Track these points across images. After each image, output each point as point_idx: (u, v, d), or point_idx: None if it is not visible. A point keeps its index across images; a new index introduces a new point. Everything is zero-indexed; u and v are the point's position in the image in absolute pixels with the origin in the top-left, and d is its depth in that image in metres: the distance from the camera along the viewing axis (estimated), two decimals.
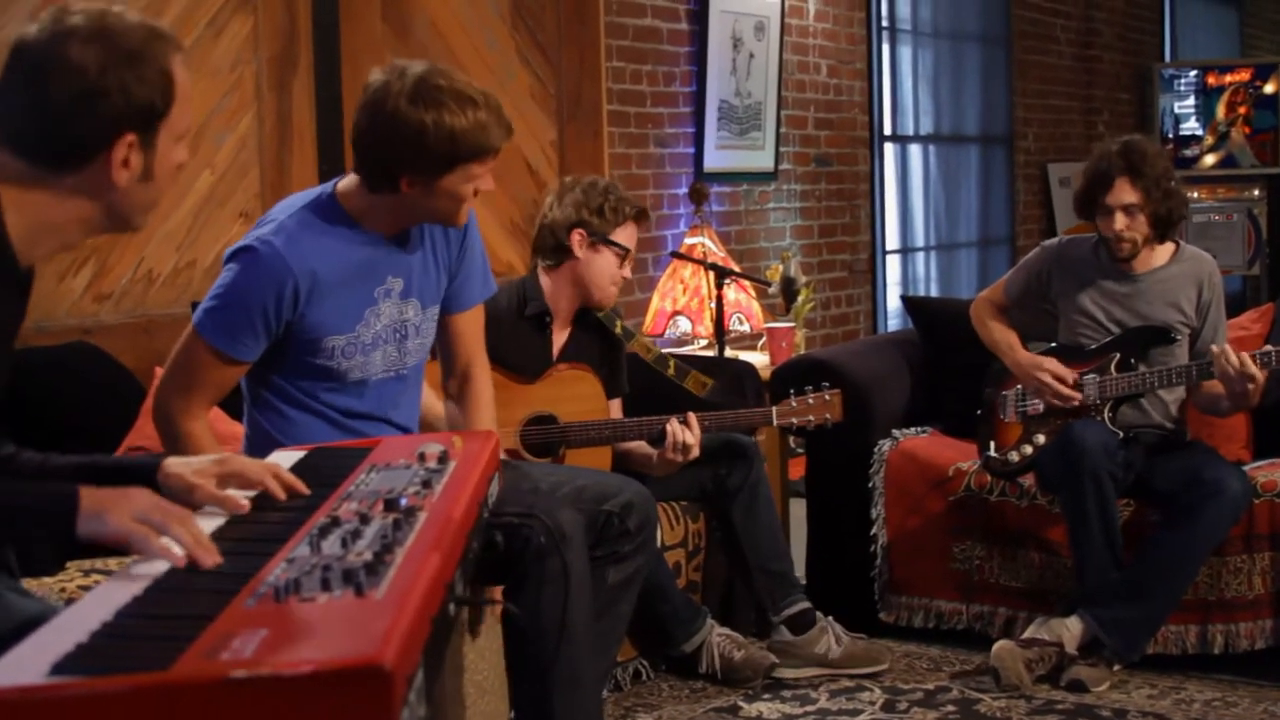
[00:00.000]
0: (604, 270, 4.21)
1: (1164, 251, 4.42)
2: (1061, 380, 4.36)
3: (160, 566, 1.90)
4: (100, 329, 4.23)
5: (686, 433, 4.07)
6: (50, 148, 2.14)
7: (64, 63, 2.12)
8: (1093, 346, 4.40)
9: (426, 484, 2.25)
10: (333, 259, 3.09)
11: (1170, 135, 10.57)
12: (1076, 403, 4.33)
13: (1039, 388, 4.41)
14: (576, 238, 4.19)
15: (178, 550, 1.93)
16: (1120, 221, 4.30)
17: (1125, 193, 4.29)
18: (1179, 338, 4.34)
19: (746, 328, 6.05)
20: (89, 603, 1.75)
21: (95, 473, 2.37)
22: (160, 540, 1.95)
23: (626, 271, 4.27)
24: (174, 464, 2.36)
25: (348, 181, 3.19)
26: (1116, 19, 10.54)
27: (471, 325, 3.46)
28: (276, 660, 1.46)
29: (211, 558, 1.92)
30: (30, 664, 1.51)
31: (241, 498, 2.30)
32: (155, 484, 2.34)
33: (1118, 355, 4.33)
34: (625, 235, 4.23)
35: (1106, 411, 4.30)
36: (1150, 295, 4.38)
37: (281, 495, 2.32)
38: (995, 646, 4.19)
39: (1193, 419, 4.50)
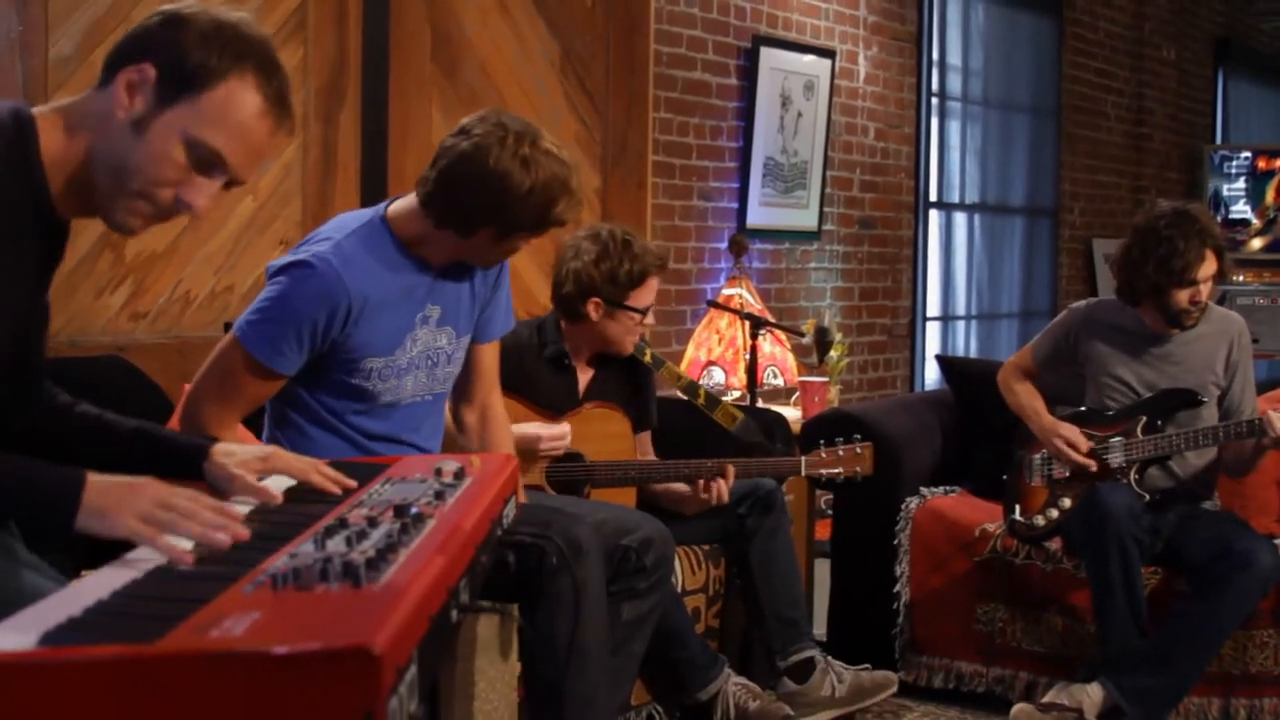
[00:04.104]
0: (622, 332, 4.17)
1: None
2: (1075, 447, 4.35)
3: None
4: (134, 347, 4.24)
5: (721, 485, 4.04)
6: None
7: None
8: (1119, 409, 4.37)
9: (439, 495, 2.25)
10: (382, 282, 3.10)
11: (1218, 218, 10.51)
12: (1094, 469, 4.31)
13: (1056, 453, 4.39)
14: (592, 307, 4.14)
15: (185, 546, 1.92)
16: (1203, 293, 4.28)
17: (1211, 264, 4.28)
18: (1206, 399, 4.31)
19: (780, 381, 6.03)
20: (88, 583, 1.75)
21: (147, 441, 2.42)
22: (166, 539, 1.93)
23: (649, 320, 4.22)
24: (220, 451, 2.39)
25: (400, 207, 3.20)
26: (1168, 98, 10.53)
27: (491, 357, 3.50)
28: (264, 639, 1.45)
29: (236, 529, 1.93)
30: (20, 633, 1.51)
31: (277, 492, 2.32)
32: (200, 469, 2.37)
33: (1144, 418, 4.30)
34: (643, 295, 4.16)
35: (1133, 474, 4.27)
36: (1180, 356, 4.37)
37: (330, 486, 2.35)
38: (1014, 709, 4.15)
39: (1224, 490, 4.47)
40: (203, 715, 1.41)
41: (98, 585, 1.73)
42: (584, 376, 4.26)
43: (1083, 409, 4.47)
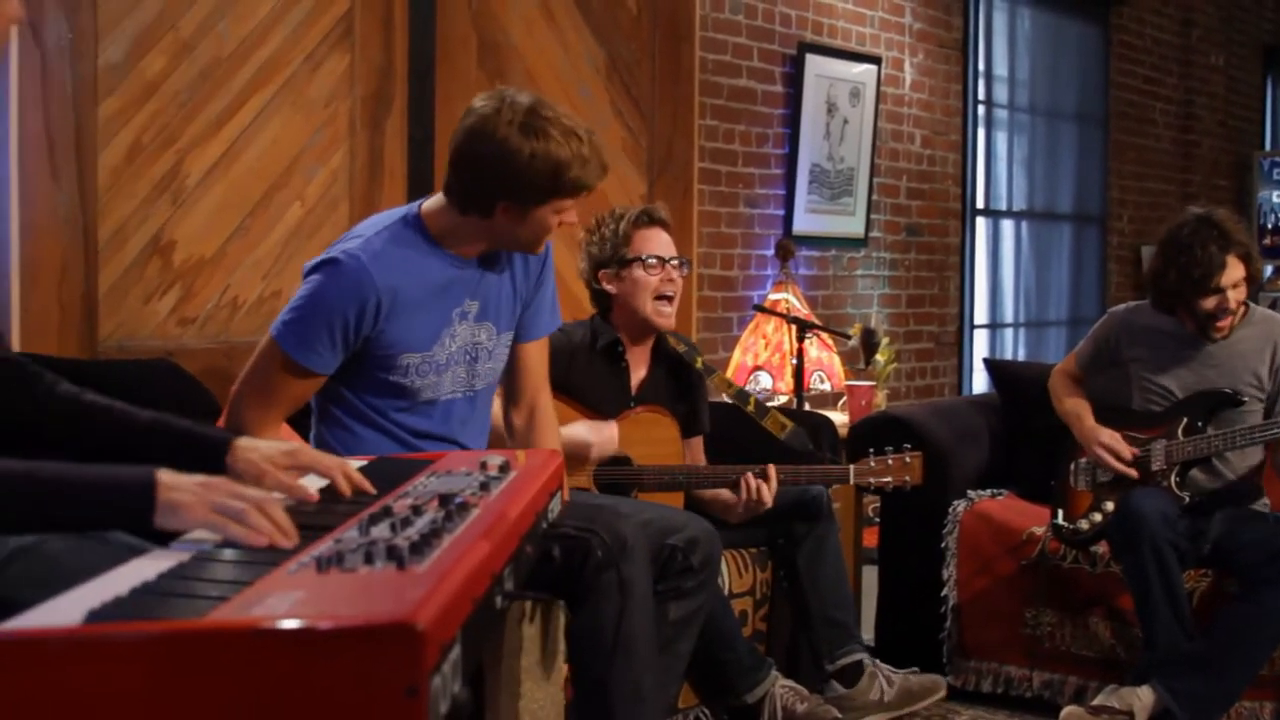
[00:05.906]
0: (639, 288, 4.13)
1: None
2: (1118, 455, 4.31)
3: (208, 539, 1.91)
4: (182, 352, 4.26)
5: (763, 487, 4.03)
6: None
7: None
8: (1160, 411, 4.34)
9: (484, 487, 2.25)
10: (415, 277, 3.11)
11: (1268, 225, 10.44)
12: (1135, 475, 4.28)
13: (1098, 460, 4.36)
14: (604, 279, 4.17)
15: (259, 537, 1.92)
16: (1233, 299, 4.24)
17: (1237, 269, 4.23)
18: (1245, 400, 4.26)
19: (827, 386, 6.02)
20: (133, 566, 1.76)
21: (165, 434, 2.37)
22: (238, 527, 1.93)
23: (671, 274, 4.16)
24: (244, 446, 2.35)
25: (433, 202, 3.21)
26: (1217, 105, 10.46)
27: (538, 357, 3.47)
28: (308, 615, 1.45)
29: (291, 540, 1.91)
30: (66, 611, 1.52)
31: (310, 488, 2.29)
32: (223, 461, 2.34)
33: (1185, 419, 4.27)
34: (639, 245, 4.15)
35: (1173, 476, 4.24)
36: (1220, 359, 4.33)
37: (348, 491, 2.32)
38: (1063, 712, 4.12)
39: (1274, 492, 4.42)
40: (247, 690, 1.41)
41: (143, 568, 1.74)
42: (637, 374, 4.25)
43: (1125, 411, 4.44)
